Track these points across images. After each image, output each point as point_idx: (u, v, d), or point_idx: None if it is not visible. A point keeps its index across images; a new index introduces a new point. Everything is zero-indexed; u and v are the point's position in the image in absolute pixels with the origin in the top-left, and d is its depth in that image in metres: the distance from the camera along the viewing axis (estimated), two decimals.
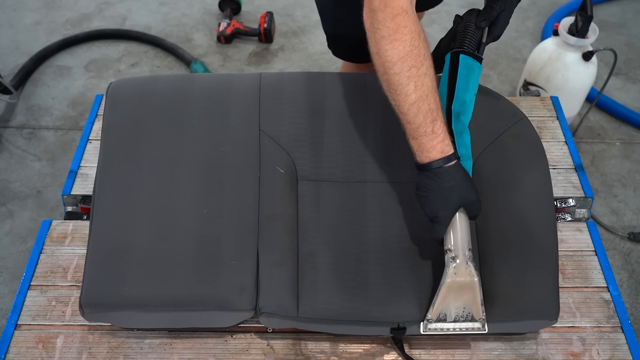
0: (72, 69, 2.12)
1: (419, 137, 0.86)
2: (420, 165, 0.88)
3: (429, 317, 0.91)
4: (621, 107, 1.93)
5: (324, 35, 1.29)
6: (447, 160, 0.86)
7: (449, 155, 0.86)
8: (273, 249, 0.96)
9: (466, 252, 0.88)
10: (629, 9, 2.38)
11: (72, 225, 1.18)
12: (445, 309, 0.90)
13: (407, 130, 0.87)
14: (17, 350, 1.01)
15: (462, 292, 0.89)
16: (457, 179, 0.86)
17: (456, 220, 0.88)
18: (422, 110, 0.84)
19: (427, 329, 0.92)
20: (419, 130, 0.85)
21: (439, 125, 0.85)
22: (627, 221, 1.67)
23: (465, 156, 0.90)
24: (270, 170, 1.02)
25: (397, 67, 0.83)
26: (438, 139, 0.85)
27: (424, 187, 0.88)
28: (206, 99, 1.08)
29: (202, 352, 1.01)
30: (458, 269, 0.88)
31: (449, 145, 0.86)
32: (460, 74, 0.93)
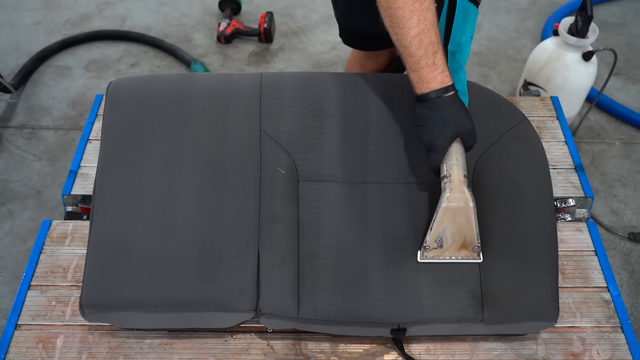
0: (72, 69, 2.12)
1: (419, 69, 0.89)
2: (420, 96, 0.91)
3: (425, 244, 0.94)
4: (621, 107, 1.93)
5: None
6: (446, 91, 0.90)
7: (447, 86, 0.90)
8: (274, 250, 0.96)
9: (462, 178, 0.90)
10: (629, 9, 2.38)
11: (72, 225, 1.18)
12: (441, 235, 0.93)
13: (408, 64, 0.90)
14: (17, 350, 1.01)
15: (458, 218, 0.91)
16: (455, 109, 0.90)
17: (453, 148, 0.92)
18: (423, 43, 0.87)
19: (424, 256, 0.96)
20: (420, 62, 0.88)
21: (439, 57, 0.89)
22: (627, 221, 1.67)
23: (461, 91, 0.94)
24: (271, 170, 1.02)
25: (401, 1, 0.86)
26: (438, 70, 0.89)
27: (423, 117, 0.92)
28: (206, 98, 1.08)
29: (202, 352, 1.01)
30: (454, 194, 0.90)
31: (448, 76, 0.90)
32: (457, 16, 0.97)
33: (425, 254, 0.96)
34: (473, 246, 0.94)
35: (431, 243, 0.94)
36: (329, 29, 2.26)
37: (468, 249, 0.95)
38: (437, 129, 0.91)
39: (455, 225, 0.92)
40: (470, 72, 2.09)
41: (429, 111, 0.91)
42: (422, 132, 0.93)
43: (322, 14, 2.34)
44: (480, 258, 0.95)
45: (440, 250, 0.95)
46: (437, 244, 0.94)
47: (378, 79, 1.12)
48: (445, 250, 0.95)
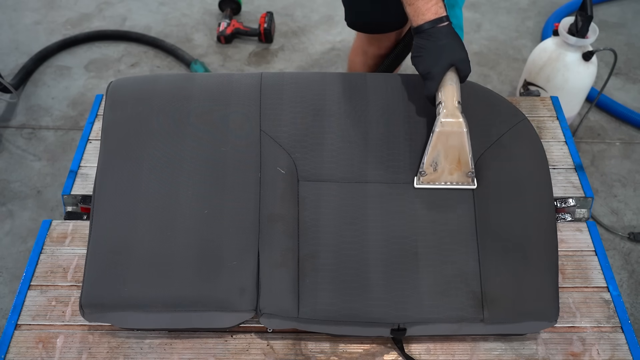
0: (72, 69, 2.12)
1: (415, 2, 0.94)
2: (415, 27, 0.96)
3: (421, 169, 0.98)
4: (621, 107, 1.93)
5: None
6: (440, 21, 0.94)
7: (441, 17, 0.94)
8: (274, 250, 0.96)
9: (455, 104, 0.94)
10: (629, 9, 2.38)
11: (72, 225, 1.18)
12: (436, 159, 0.97)
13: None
14: (17, 350, 1.01)
15: (452, 141, 0.95)
16: (449, 38, 0.94)
17: (447, 76, 0.96)
18: None
19: (420, 181, 1.00)
20: None
21: None
22: (627, 221, 1.67)
23: (456, 25, 0.99)
24: (271, 170, 1.02)
25: None
26: (432, 2, 0.94)
27: (419, 48, 0.96)
28: (206, 98, 1.08)
29: (202, 352, 1.01)
30: (447, 118, 0.94)
31: (442, 7, 0.94)
32: None
33: (422, 179, 0.99)
34: (467, 171, 0.97)
35: (426, 167, 0.98)
36: (329, 29, 2.26)
37: (462, 174, 0.98)
38: (431, 58, 0.94)
39: (449, 148, 0.96)
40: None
41: (424, 41, 0.95)
42: (418, 62, 0.96)
43: (322, 14, 2.34)
44: (474, 184, 0.99)
45: (436, 174, 0.98)
46: (432, 168, 0.98)
47: (378, 79, 1.12)
48: (440, 174, 0.98)
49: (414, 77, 1.12)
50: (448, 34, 0.94)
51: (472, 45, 2.15)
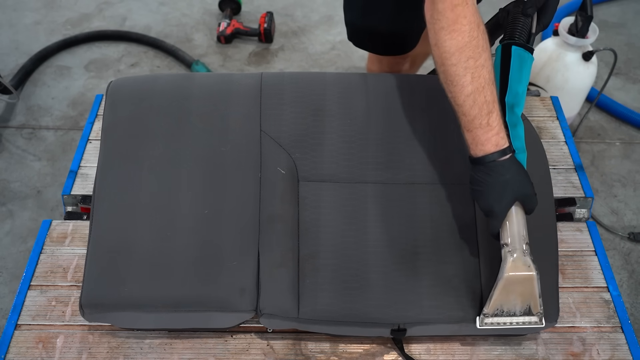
0: (72, 69, 2.12)
1: (473, 130, 0.85)
2: (475, 159, 0.87)
3: (485, 312, 0.91)
4: (621, 107, 1.93)
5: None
6: (502, 154, 0.85)
7: (504, 149, 0.85)
8: (274, 250, 0.96)
9: (523, 246, 0.87)
10: (629, 9, 2.38)
11: (72, 225, 1.18)
12: (502, 304, 0.90)
13: (462, 123, 0.87)
14: (17, 350, 1.01)
15: (520, 286, 0.87)
16: (512, 173, 0.86)
17: (512, 213, 0.87)
18: (477, 102, 0.84)
19: (483, 323, 0.92)
20: (474, 122, 0.85)
21: (494, 117, 0.85)
22: (627, 221, 1.67)
23: (519, 149, 0.90)
24: (271, 170, 1.02)
25: (455, 58, 0.83)
26: (493, 131, 0.85)
27: (478, 182, 0.87)
28: (207, 98, 1.08)
29: (202, 352, 1.01)
30: (516, 263, 0.86)
31: (504, 138, 0.86)
32: (513, 66, 0.93)
33: (485, 321, 0.92)
34: (536, 312, 0.90)
35: (491, 311, 0.90)
36: (329, 29, 2.26)
37: (529, 315, 0.91)
38: (494, 195, 0.86)
39: (516, 294, 0.88)
40: None
41: (485, 176, 0.86)
42: (479, 196, 0.88)
43: (322, 14, 2.34)
44: (542, 323, 0.91)
45: (500, 317, 0.91)
46: (497, 312, 0.91)
47: (378, 79, 1.12)
48: (505, 317, 0.91)
49: (414, 77, 1.12)
50: (511, 167, 0.85)
51: None
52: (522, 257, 0.86)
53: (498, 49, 0.96)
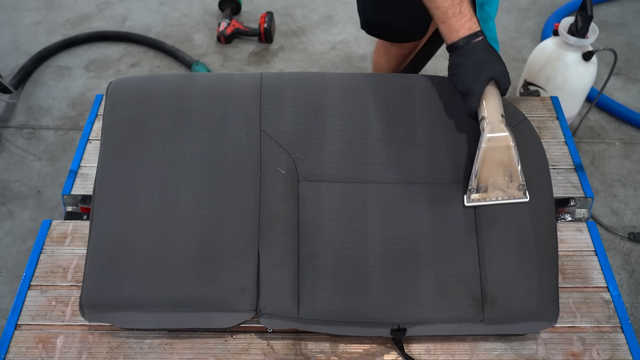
0: (72, 69, 2.12)
1: (447, 20, 0.93)
2: (450, 45, 0.94)
3: (470, 187, 0.95)
4: (621, 107, 1.93)
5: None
6: (475, 36, 0.93)
7: (476, 32, 0.93)
8: (274, 250, 0.97)
9: (499, 117, 0.92)
10: (629, 9, 2.38)
11: (72, 225, 1.18)
12: (485, 177, 0.94)
13: (436, 17, 0.94)
14: (17, 350, 1.01)
15: (500, 157, 0.93)
16: (485, 52, 0.93)
17: (488, 90, 0.94)
18: None
19: (470, 199, 0.97)
20: (447, 13, 0.92)
21: (465, 5, 0.92)
22: (627, 221, 1.67)
23: (491, 38, 0.97)
24: (271, 170, 1.02)
25: None
26: (465, 18, 0.92)
27: (455, 65, 0.94)
28: (207, 98, 1.08)
29: (202, 352, 1.01)
30: (493, 131, 0.92)
31: (475, 23, 0.93)
32: None
33: (472, 197, 0.97)
34: (518, 184, 0.95)
35: (475, 185, 0.95)
36: (329, 29, 2.26)
37: (512, 187, 0.95)
38: (469, 74, 0.93)
39: (497, 163, 0.94)
40: None
41: (460, 58, 0.93)
42: (456, 80, 0.95)
43: (322, 14, 2.34)
44: (526, 197, 0.95)
45: (485, 193, 0.96)
46: (481, 185, 0.95)
47: (378, 79, 1.12)
48: (490, 191, 0.96)
49: (414, 77, 1.12)
50: (484, 48, 0.93)
51: None
52: (498, 125, 0.92)
53: None
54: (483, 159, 0.93)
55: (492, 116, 0.93)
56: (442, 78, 1.13)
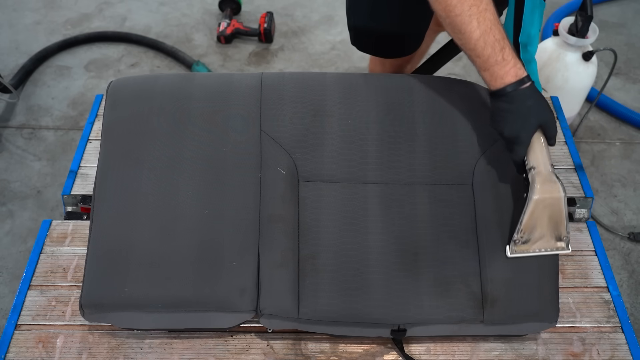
0: (72, 69, 2.12)
1: (490, 68, 0.89)
2: (495, 91, 0.90)
3: (515, 239, 0.92)
4: (621, 107, 1.93)
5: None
6: (522, 83, 0.89)
7: (523, 78, 0.89)
8: (274, 250, 0.96)
9: (550, 168, 0.90)
10: (629, 9, 2.38)
11: (72, 225, 1.18)
12: (531, 228, 0.91)
13: (477, 65, 0.91)
14: (17, 350, 1.01)
15: (548, 208, 0.90)
16: (534, 99, 0.89)
17: (536, 138, 0.91)
18: (488, 43, 0.88)
19: (514, 251, 0.93)
20: (489, 60, 0.89)
21: (508, 52, 0.89)
22: (627, 221, 1.67)
23: (535, 82, 0.93)
24: (271, 171, 1.02)
25: (458, 8, 0.87)
26: (509, 64, 0.88)
27: (501, 112, 0.91)
28: (207, 98, 1.08)
29: (202, 352, 1.01)
30: (545, 184, 0.89)
31: (521, 69, 0.89)
32: (527, 9, 0.98)
33: (515, 249, 0.94)
34: (562, 236, 0.92)
35: (521, 236, 0.92)
36: (329, 29, 2.26)
37: (557, 240, 0.93)
38: (518, 122, 0.90)
39: (544, 215, 0.91)
40: (470, 72, 2.09)
41: (507, 105, 0.90)
42: (502, 126, 0.91)
43: (322, 14, 2.34)
44: (569, 249, 0.93)
45: (529, 244, 0.93)
46: (526, 236, 0.92)
47: (378, 79, 1.12)
48: (534, 242, 0.93)
49: (414, 77, 1.12)
50: (532, 94, 0.89)
51: None
52: (550, 177, 0.89)
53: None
54: (532, 211, 0.89)
55: (543, 166, 0.90)
56: (442, 78, 1.14)
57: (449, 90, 1.09)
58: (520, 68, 0.89)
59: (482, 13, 0.87)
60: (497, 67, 0.88)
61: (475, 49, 0.89)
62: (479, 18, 0.87)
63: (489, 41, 0.88)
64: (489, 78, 0.90)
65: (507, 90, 0.89)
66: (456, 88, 1.10)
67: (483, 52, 0.88)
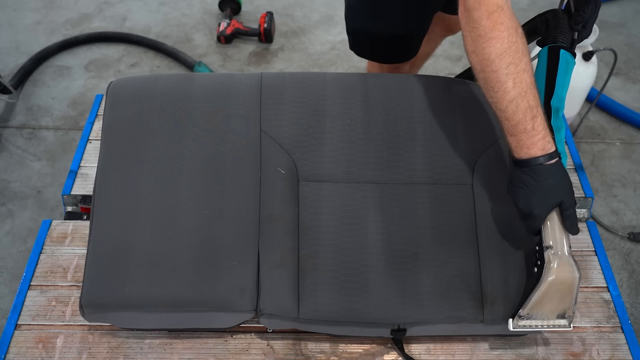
0: (72, 69, 2.12)
1: (517, 134, 0.84)
2: (519, 161, 0.86)
3: (521, 314, 0.90)
4: (621, 107, 1.93)
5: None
6: (549, 158, 0.84)
7: (550, 153, 0.84)
8: (274, 250, 0.96)
9: (568, 249, 0.86)
10: (629, 9, 2.38)
11: (72, 225, 1.18)
12: (540, 306, 0.89)
13: (505, 127, 0.86)
14: (17, 350, 1.01)
15: (561, 289, 0.87)
16: (558, 178, 0.85)
17: (554, 216, 0.87)
18: (521, 107, 0.83)
19: (517, 325, 0.91)
20: (517, 127, 0.84)
21: (539, 122, 0.84)
22: (627, 221, 1.67)
23: (561, 153, 0.88)
24: (271, 171, 1.02)
25: (495, 64, 0.82)
26: (539, 135, 0.83)
27: (521, 183, 0.86)
28: (207, 98, 1.08)
29: (202, 352, 1.01)
30: (562, 265, 0.86)
31: (550, 142, 0.84)
32: (560, 69, 0.93)
33: (519, 323, 0.91)
34: (567, 315, 0.90)
35: (527, 313, 0.90)
36: (329, 29, 2.26)
37: (560, 317, 0.90)
38: (537, 198, 0.85)
39: (555, 297, 0.88)
40: None
41: (528, 178, 0.85)
42: (518, 197, 0.87)
43: (322, 14, 2.34)
44: (570, 327, 0.90)
45: (532, 319, 0.91)
46: (532, 313, 0.90)
47: (378, 79, 1.12)
48: (538, 318, 0.90)
49: (414, 77, 1.12)
50: (556, 172, 0.84)
51: None
52: (568, 260, 0.86)
53: (543, 51, 0.96)
54: (545, 291, 0.87)
55: (560, 248, 0.86)
56: (442, 78, 1.14)
57: (449, 90, 1.09)
58: (549, 141, 0.84)
59: (519, 74, 0.82)
60: (525, 136, 0.83)
61: (506, 112, 0.84)
62: (516, 79, 0.82)
63: (521, 106, 0.82)
64: (515, 144, 0.85)
65: (531, 163, 0.84)
66: (456, 88, 1.10)
67: (513, 116, 0.83)
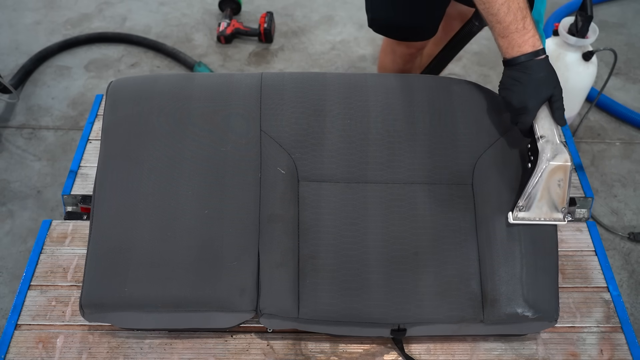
0: (72, 69, 2.12)
1: (509, 35, 0.90)
2: (510, 59, 0.92)
3: (520, 205, 0.94)
4: (621, 107, 1.93)
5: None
6: (538, 54, 0.91)
7: (539, 50, 0.91)
8: (274, 250, 0.97)
9: (559, 138, 0.92)
10: (629, 9, 2.38)
11: (72, 225, 1.18)
12: (535, 196, 0.93)
13: (496, 31, 0.92)
14: (17, 350, 1.01)
15: (554, 178, 0.92)
16: (547, 71, 0.91)
17: (545, 109, 0.93)
18: (512, 9, 0.89)
19: (516, 217, 0.96)
20: (509, 27, 0.90)
21: (529, 21, 0.90)
22: (627, 221, 1.67)
23: None
24: (271, 171, 1.02)
25: None
26: (529, 34, 0.90)
27: (513, 80, 0.92)
28: (207, 98, 1.08)
29: (202, 352, 1.01)
30: (554, 152, 0.91)
31: (538, 40, 0.91)
32: None
33: (518, 215, 0.95)
34: (561, 207, 0.94)
35: (525, 203, 0.94)
36: (329, 29, 2.26)
37: (556, 210, 0.95)
38: (529, 92, 0.91)
39: (550, 184, 0.92)
40: (470, 72, 2.09)
41: (520, 74, 0.91)
42: (511, 95, 0.93)
43: (322, 14, 2.34)
44: (565, 220, 0.95)
45: (530, 212, 0.95)
46: (530, 204, 0.94)
47: (378, 79, 1.12)
48: (535, 210, 0.95)
49: (414, 77, 1.13)
50: (546, 66, 0.91)
51: (472, 45, 2.14)
52: (560, 146, 0.91)
53: None
54: (541, 177, 0.92)
55: (553, 136, 0.92)
56: (442, 78, 1.14)
57: (449, 90, 1.09)
58: (538, 39, 0.90)
59: None
60: (516, 35, 0.90)
61: (498, 14, 0.90)
62: None
63: (512, 7, 0.89)
64: (506, 45, 0.91)
65: (521, 60, 0.90)
66: (456, 88, 1.10)
67: (505, 18, 0.89)
